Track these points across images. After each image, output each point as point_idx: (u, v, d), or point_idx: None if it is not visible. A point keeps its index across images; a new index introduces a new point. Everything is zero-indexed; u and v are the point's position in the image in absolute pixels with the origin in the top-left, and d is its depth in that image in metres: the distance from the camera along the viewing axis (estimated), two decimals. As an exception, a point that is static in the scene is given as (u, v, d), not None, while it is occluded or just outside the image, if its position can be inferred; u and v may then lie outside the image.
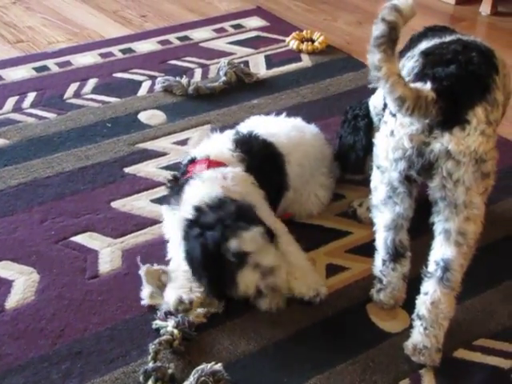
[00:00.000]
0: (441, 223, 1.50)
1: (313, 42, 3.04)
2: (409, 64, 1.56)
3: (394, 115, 1.48)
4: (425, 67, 1.46)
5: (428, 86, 1.41)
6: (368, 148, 2.05)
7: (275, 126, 2.04)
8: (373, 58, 1.34)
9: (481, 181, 1.45)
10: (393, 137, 1.48)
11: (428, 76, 1.43)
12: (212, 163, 1.85)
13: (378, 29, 1.32)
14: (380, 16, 1.32)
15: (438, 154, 1.43)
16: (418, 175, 1.49)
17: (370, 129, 2.05)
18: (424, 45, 1.64)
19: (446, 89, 1.41)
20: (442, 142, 1.42)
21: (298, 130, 2.07)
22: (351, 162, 2.10)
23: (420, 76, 1.46)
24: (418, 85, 1.41)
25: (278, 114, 2.16)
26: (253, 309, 1.72)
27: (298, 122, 2.13)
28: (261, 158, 1.91)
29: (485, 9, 3.47)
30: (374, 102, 2.04)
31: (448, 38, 1.62)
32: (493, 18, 3.44)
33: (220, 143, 1.93)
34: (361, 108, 2.09)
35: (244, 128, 2.02)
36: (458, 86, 1.42)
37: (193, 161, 1.88)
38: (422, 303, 1.57)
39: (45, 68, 2.83)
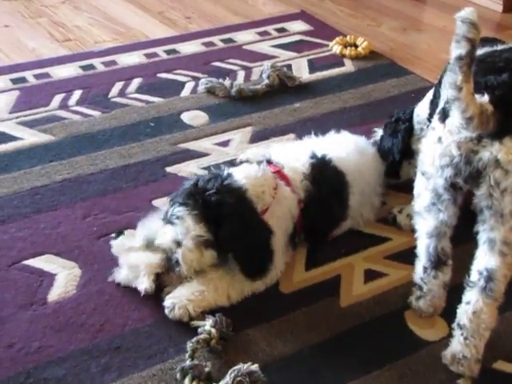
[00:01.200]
0: (485, 232, 1.48)
1: (356, 47, 3.03)
2: None
3: (442, 121, 1.46)
4: (476, 75, 1.45)
5: (486, 98, 1.39)
6: (405, 152, 2.05)
7: (344, 148, 1.98)
8: (454, 78, 1.31)
9: (528, 191, 1.43)
10: (440, 143, 1.46)
11: (479, 84, 1.41)
12: (281, 175, 1.84)
13: (461, 47, 1.28)
14: (461, 33, 1.28)
15: (487, 162, 1.41)
16: (465, 183, 1.47)
17: (409, 134, 2.04)
18: None
19: (499, 98, 1.39)
20: (492, 151, 1.40)
21: (362, 153, 2.02)
22: (387, 164, 2.09)
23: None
24: (476, 97, 1.38)
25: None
26: (290, 310, 1.73)
27: (358, 140, 2.08)
28: (329, 189, 1.87)
29: (533, 17, 3.42)
30: (418, 111, 2.02)
31: (500, 47, 1.60)
32: (541, 27, 3.38)
33: (299, 161, 1.90)
34: (405, 112, 2.08)
35: (318, 147, 1.96)
36: (511, 94, 1.41)
37: (269, 162, 1.89)
38: (464, 313, 1.55)
39: (91, 67, 2.88)
